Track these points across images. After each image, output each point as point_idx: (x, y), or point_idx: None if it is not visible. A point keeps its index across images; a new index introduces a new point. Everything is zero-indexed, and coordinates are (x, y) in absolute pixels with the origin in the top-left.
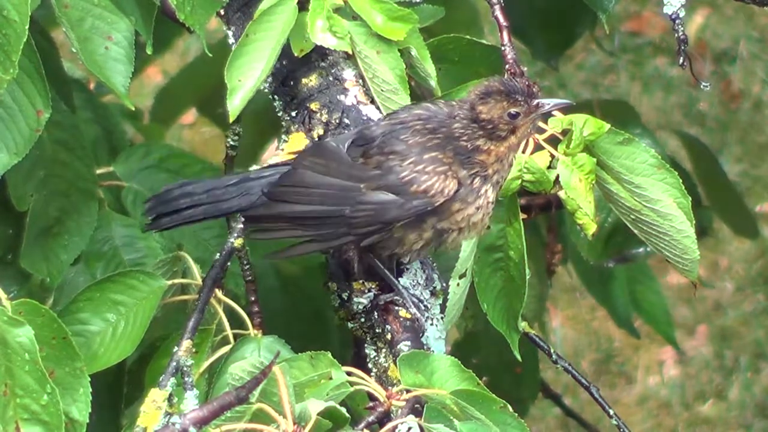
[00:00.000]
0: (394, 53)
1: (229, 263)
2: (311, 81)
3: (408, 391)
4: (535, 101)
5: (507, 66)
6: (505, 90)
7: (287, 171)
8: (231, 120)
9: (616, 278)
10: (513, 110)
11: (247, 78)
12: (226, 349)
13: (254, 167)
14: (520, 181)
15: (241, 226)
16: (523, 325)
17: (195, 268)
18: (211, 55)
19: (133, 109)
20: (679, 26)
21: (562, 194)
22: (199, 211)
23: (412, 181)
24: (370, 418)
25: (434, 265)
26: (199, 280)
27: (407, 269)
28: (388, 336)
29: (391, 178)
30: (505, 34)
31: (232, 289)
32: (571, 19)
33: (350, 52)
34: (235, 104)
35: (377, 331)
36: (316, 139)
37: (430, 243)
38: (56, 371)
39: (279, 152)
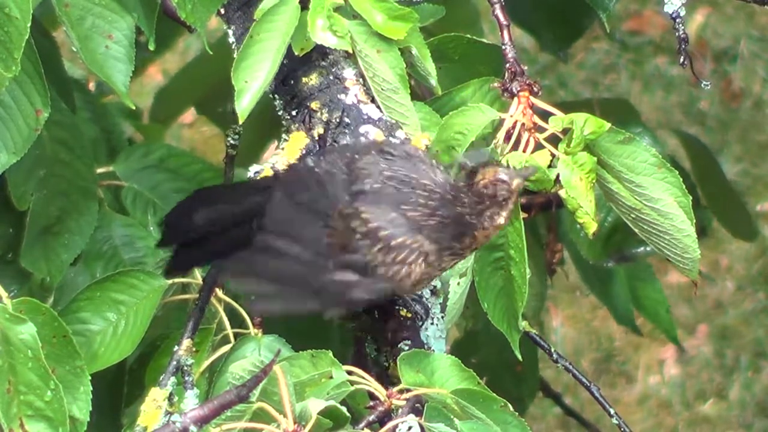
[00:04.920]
0: (395, 52)
1: None
2: (311, 80)
3: (408, 390)
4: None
5: (507, 65)
6: (493, 161)
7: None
8: (241, 121)
9: (617, 276)
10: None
11: (253, 79)
12: (226, 348)
13: (254, 167)
14: None
15: None
16: (523, 324)
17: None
18: (211, 53)
19: (134, 108)
20: (680, 25)
21: (562, 193)
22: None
23: (379, 267)
24: (371, 417)
25: None
26: (200, 279)
27: None
28: (389, 335)
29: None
30: (505, 32)
31: (233, 288)
32: (578, 10)
33: (350, 51)
34: (243, 106)
35: (378, 330)
36: (317, 138)
37: None
38: (57, 370)
39: (279, 151)
